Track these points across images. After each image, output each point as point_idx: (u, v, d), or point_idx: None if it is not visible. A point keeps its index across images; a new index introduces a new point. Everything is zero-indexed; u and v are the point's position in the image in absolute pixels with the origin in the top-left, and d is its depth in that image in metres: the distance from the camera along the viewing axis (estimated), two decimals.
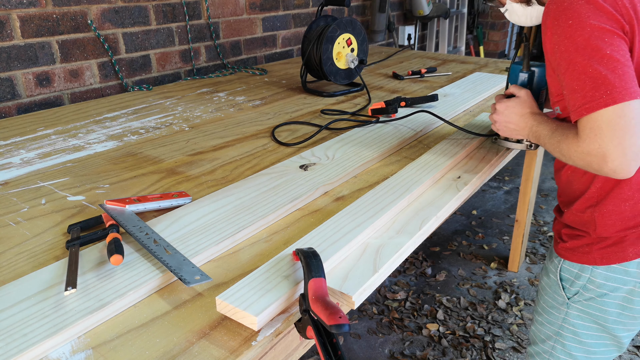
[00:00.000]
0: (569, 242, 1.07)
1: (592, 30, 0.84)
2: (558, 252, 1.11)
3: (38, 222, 0.98)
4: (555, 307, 1.13)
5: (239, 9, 2.43)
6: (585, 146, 0.84)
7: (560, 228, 1.12)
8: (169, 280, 0.79)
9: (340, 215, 0.93)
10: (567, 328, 1.11)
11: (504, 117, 1.10)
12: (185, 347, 0.65)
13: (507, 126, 1.11)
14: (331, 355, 0.65)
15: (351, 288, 0.75)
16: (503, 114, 1.10)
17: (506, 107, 1.10)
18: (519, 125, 1.08)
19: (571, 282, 1.08)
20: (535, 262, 2.55)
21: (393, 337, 2.07)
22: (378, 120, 1.51)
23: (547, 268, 1.16)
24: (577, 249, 1.06)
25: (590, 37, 0.83)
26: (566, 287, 1.09)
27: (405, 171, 1.13)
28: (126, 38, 2.00)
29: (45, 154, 1.32)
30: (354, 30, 1.86)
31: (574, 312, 1.09)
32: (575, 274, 1.07)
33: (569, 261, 1.08)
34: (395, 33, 3.69)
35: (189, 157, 1.30)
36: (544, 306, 1.17)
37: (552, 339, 1.15)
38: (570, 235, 1.08)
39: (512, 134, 1.12)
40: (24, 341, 0.64)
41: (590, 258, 1.03)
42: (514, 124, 1.09)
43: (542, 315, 1.18)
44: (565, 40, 0.86)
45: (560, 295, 1.11)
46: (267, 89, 2.00)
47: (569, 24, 0.86)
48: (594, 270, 1.03)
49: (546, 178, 3.50)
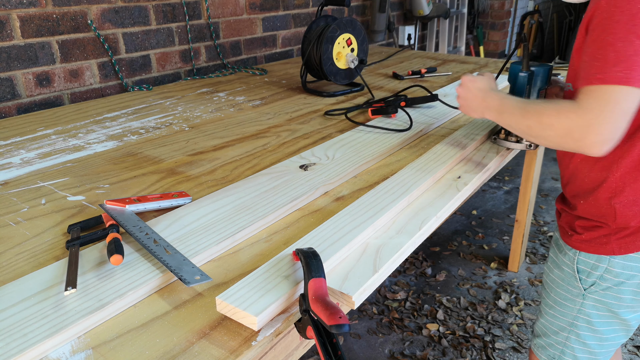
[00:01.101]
0: (585, 234, 1.07)
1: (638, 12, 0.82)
2: (572, 244, 1.10)
3: (38, 222, 0.98)
4: (570, 299, 1.13)
5: (239, 9, 2.43)
6: (581, 113, 0.84)
7: (572, 220, 1.12)
8: (169, 280, 0.79)
9: (340, 215, 0.93)
10: (582, 318, 1.12)
11: (468, 92, 1.14)
12: (185, 347, 0.65)
13: (469, 103, 1.14)
14: (331, 355, 0.65)
15: (351, 288, 0.75)
16: (467, 86, 1.14)
17: (470, 81, 1.14)
18: (479, 100, 1.11)
19: (588, 273, 1.08)
20: (536, 262, 2.55)
21: (393, 337, 2.07)
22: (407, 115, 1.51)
23: (558, 261, 1.16)
24: (594, 240, 1.05)
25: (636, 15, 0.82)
26: (583, 279, 1.09)
27: (405, 171, 1.13)
28: (126, 38, 2.00)
29: (45, 154, 1.32)
30: (354, 30, 1.86)
31: (589, 303, 1.09)
32: (592, 265, 1.07)
33: (586, 252, 1.07)
34: (395, 33, 3.69)
35: (189, 157, 1.30)
36: (556, 299, 1.17)
37: (565, 330, 1.15)
38: (585, 227, 1.07)
39: (472, 110, 1.14)
40: (24, 341, 0.64)
41: (609, 248, 1.03)
42: (477, 100, 1.11)
43: (554, 308, 1.18)
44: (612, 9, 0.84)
45: (576, 287, 1.11)
46: (267, 89, 2.00)
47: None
48: (612, 260, 1.04)
49: (546, 178, 3.50)
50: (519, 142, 1.24)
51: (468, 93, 1.14)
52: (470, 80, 1.14)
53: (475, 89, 1.12)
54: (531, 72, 1.19)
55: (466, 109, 1.16)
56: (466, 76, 1.16)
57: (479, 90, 1.11)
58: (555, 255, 1.18)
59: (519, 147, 1.24)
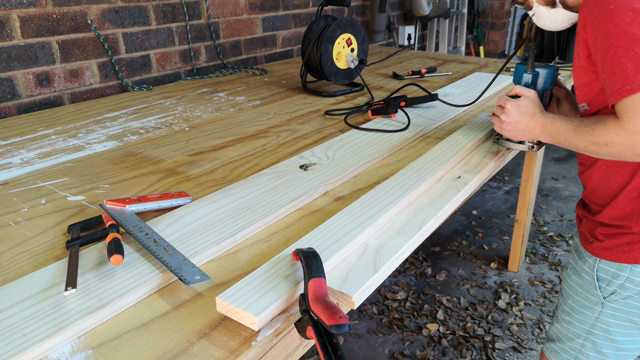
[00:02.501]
0: (606, 242, 1.06)
1: (634, 14, 0.84)
2: (592, 251, 1.09)
3: (38, 222, 0.98)
4: (588, 307, 1.11)
5: (239, 9, 2.43)
6: (631, 127, 0.84)
7: (593, 227, 1.10)
8: (169, 280, 0.79)
9: (340, 215, 0.93)
10: (599, 327, 1.10)
11: (515, 117, 1.08)
12: (185, 347, 0.65)
13: (516, 127, 1.09)
14: (331, 355, 0.65)
15: (351, 288, 0.75)
16: (512, 114, 1.09)
17: (517, 107, 1.08)
18: (529, 125, 1.07)
19: (608, 281, 1.07)
20: (535, 262, 2.55)
21: (393, 337, 2.07)
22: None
23: (577, 268, 1.14)
24: (616, 247, 1.04)
25: (632, 22, 0.83)
26: (602, 287, 1.08)
27: (405, 171, 1.13)
28: (126, 38, 2.00)
29: (45, 154, 1.32)
30: (354, 30, 1.86)
31: (608, 311, 1.08)
32: (613, 274, 1.06)
33: (607, 260, 1.06)
34: (395, 33, 3.69)
35: (189, 157, 1.30)
36: (573, 306, 1.15)
37: (581, 337, 1.14)
38: (607, 234, 1.06)
39: (520, 135, 1.10)
40: (24, 341, 0.64)
41: (631, 257, 1.02)
42: (525, 124, 1.07)
43: (570, 315, 1.16)
44: (607, 25, 0.86)
45: (595, 295, 1.09)
46: (267, 89, 2.00)
47: (611, 9, 0.86)
48: (633, 269, 1.03)
49: (546, 178, 3.50)
50: (521, 143, 1.22)
51: (512, 119, 1.09)
52: (517, 107, 1.08)
53: (524, 114, 1.07)
54: (536, 72, 1.18)
55: (513, 133, 1.11)
56: (509, 102, 1.09)
57: (526, 114, 1.07)
58: (575, 262, 1.16)
59: (521, 148, 1.23)
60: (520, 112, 1.08)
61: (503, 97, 1.12)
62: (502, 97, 1.13)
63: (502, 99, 1.12)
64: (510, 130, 1.11)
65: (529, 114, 1.06)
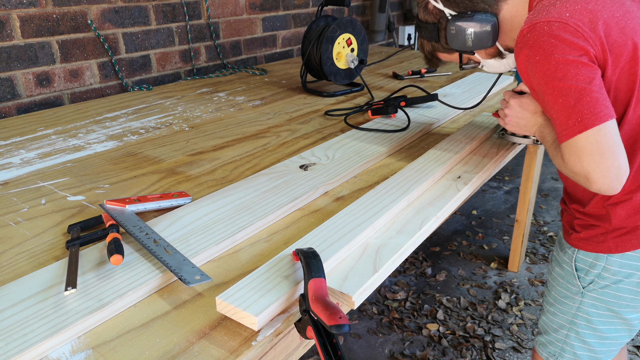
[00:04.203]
0: (583, 233, 1.08)
1: (556, 64, 0.88)
2: (571, 242, 1.12)
3: (38, 222, 0.98)
4: (569, 297, 1.14)
5: (239, 9, 2.43)
6: (571, 167, 0.90)
7: (571, 219, 1.13)
8: (169, 280, 0.79)
9: (340, 215, 0.93)
10: (581, 316, 1.13)
11: (517, 113, 1.11)
12: (185, 347, 0.65)
13: (518, 122, 1.12)
14: (331, 355, 0.65)
15: (351, 288, 0.75)
16: (515, 109, 1.12)
17: (520, 103, 1.11)
18: (529, 121, 1.09)
19: (586, 271, 1.09)
20: (535, 262, 2.55)
21: (393, 337, 2.07)
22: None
23: (559, 259, 1.17)
24: (592, 238, 1.07)
25: (555, 71, 0.88)
26: (581, 277, 1.11)
27: (405, 171, 1.13)
28: (126, 38, 2.00)
29: (45, 154, 1.32)
30: (354, 30, 1.86)
31: (588, 301, 1.11)
32: (590, 263, 1.08)
33: (584, 251, 1.09)
34: (395, 33, 3.69)
35: (189, 157, 1.30)
36: (556, 297, 1.18)
37: (565, 327, 1.17)
38: (583, 225, 1.09)
39: (521, 130, 1.13)
40: (24, 341, 0.64)
41: (605, 247, 1.05)
42: (526, 120, 1.10)
43: (554, 305, 1.19)
44: (537, 75, 0.92)
45: (575, 284, 1.12)
46: (267, 89, 2.00)
47: (537, 60, 0.91)
48: (609, 259, 1.05)
49: (546, 178, 3.50)
50: (525, 137, 1.24)
51: (514, 114, 1.12)
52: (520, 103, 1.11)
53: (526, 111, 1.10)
54: None
55: (515, 128, 1.14)
56: (512, 98, 1.12)
57: (527, 111, 1.10)
58: (557, 253, 1.19)
59: (525, 142, 1.26)
60: (522, 109, 1.11)
61: (508, 92, 1.14)
62: (507, 92, 1.15)
63: (507, 94, 1.15)
64: (512, 125, 1.15)
65: (530, 111, 1.09)
